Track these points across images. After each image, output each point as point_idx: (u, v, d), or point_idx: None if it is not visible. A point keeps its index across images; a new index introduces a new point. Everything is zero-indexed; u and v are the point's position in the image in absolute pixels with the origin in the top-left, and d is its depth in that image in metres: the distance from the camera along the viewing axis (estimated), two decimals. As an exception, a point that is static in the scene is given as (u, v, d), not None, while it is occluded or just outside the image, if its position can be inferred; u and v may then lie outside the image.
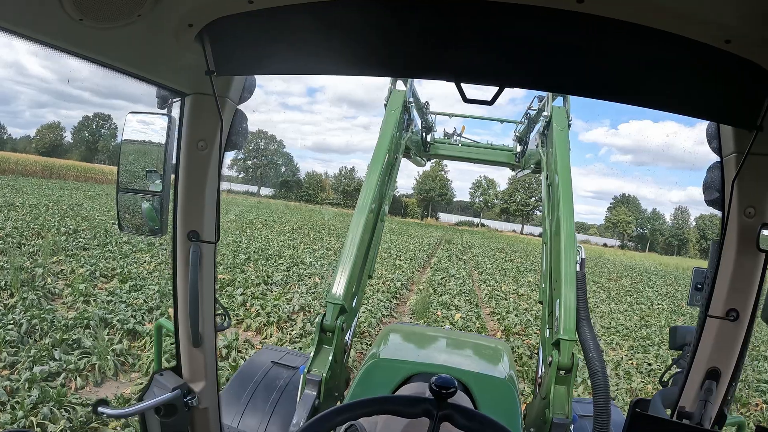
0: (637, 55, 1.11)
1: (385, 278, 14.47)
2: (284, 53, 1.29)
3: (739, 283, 1.32)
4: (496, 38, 1.12)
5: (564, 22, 1.03)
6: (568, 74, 1.19)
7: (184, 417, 1.58)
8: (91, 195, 35.56)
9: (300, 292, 11.32)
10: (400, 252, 23.61)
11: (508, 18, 1.05)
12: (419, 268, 19.33)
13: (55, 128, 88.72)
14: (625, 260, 51.73)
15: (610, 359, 9.53)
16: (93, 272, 10.90)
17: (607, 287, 22.77)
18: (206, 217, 1.53)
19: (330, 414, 1.38)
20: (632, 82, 1.17)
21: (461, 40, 1.13)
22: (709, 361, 1.37)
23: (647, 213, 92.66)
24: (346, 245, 3.03)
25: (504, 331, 10.38)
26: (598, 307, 16.25)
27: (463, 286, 15.51)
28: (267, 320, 8.59)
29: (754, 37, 0.98)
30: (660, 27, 1.00)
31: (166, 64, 1.33)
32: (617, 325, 13.25)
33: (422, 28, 1.13)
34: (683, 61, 1.09)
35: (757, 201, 1.27)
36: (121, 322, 7.70)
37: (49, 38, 1.05)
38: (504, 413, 2.42)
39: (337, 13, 1.11)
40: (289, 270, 14.08)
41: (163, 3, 1.08)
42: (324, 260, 17.18)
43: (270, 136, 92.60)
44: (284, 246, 19.84)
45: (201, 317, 1.57)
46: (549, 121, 3.68)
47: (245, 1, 1.11)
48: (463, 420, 1.32)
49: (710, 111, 1.23)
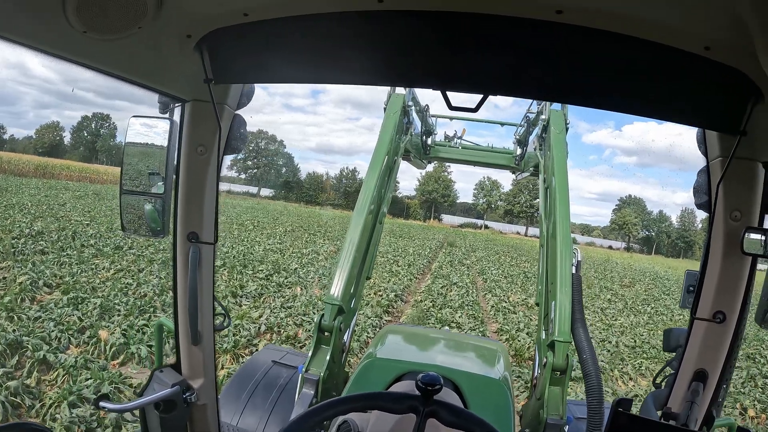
0: (619, 63, 1.12)
1: (378, 287, 12.72)
2: (278, 63, 1.34)
3: (725, 286, 1.33)
4: (480, 48, 1.15)
5: (545, 32, 1.06)
6: (551, 82, 1.20)
7: (183, 413, 1.63)
8: (79, 195, 34.35)
9: (273, 306, 9.62)
10: (398, 256, 21.88)
11: (491, 29, 1.09)
12: (418, 274, 17.59)
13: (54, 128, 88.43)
14: (634, 263, 50.12)
15: (644, 393, 7.81)
16: (36, 281, 9.34)
17: (621, 295, 21.05)
18: (205, 219, 1.59)
19: (319, 408, 1.41)
20: (615, 89, 1.19)
21: (447, 50, 1.17)
22: (696, 362, 1.38)
23: (653, 215, 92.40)
24: (345, 247, 3.04)
25: (515, 357, 8.64)
26: (617, 319, 14.54)
27: (466, 296, 13.80)
28: (220, 346, 6.91)
29: (732, 44, 0.99)
30: (639, 36, 1.03)
31: (167, 73, 1.39)
32: (642, 343, 11.53)
33: (410, 39, 1.18)
34: (664, 68, 1.10)
35: (742, 204, 1.29)
36: (35, 348, 6.11)
37: (55, 49, 1.11)
38: (495, 413, 2.44)
39: (328, 25, 1.17)
40: (269, 278, 12.41)
41: (162, 16, 1.13)
42: (311, 266, 15.45)
43: (270, 137, 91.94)
44: (271, 250, 18.18)
45: (200, 316, 1.62)
46: (547, 124, 3.69)
47: (241, 14, 1.18)
48: (448, 416, 1.35)
49: (694, 117, 1.24)
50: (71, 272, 10.59)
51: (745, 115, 1.11)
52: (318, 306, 9.85)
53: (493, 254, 33.39)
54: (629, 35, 1.02)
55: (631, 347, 11.04)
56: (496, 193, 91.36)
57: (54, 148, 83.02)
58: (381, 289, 12.58)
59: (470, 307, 12.28)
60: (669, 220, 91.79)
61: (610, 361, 9.39)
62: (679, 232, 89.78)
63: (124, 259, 12.70)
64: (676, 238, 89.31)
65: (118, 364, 6.62)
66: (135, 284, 10.03)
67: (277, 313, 9.08)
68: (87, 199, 31.47)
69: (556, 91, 1.26)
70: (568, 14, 1.00)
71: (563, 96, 1.24)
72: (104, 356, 6.73)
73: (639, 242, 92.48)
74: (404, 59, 1.22)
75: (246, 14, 1.16)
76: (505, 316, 11.95)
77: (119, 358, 6.67)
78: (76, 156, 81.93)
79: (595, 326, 12.83)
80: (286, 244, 20.84)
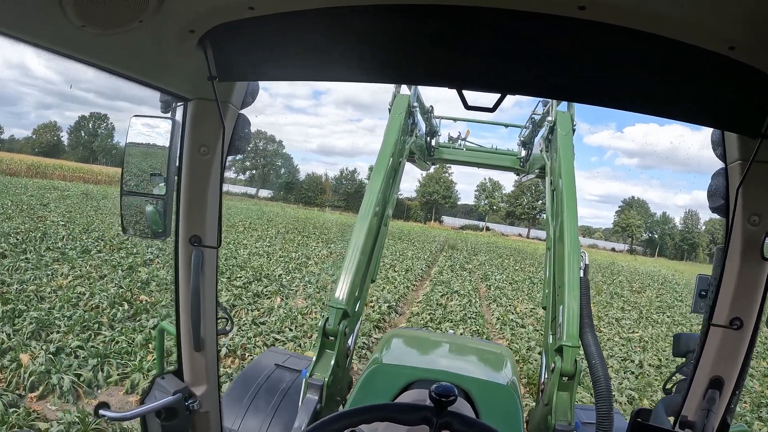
0: (640, 62, 1.10)
1: (370, 296, 11.37)
2: (286, 59, 1.30)
3: (743, 292, 1.30)
4: (497, 45, 1.12)
5: (566, 29, 1.04)
6: (571, 81, 1.19)
7: (185, 421, 1.60)
8: (67, 195, 33.03)
9: (242, 323, 8.26)
10: (396, 260, 20.53)
11: (509, 24, 1.05)
12: (416, 280, 16.22)
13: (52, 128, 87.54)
14: (639, 267, 48.71)
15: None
16: (-27, 291, 8.04)
17: (633, 302, 19.69)
18: (208, 222, 1.55)
19: (329, 420, 1.40)
20: (634, 89, 1.17)
21: (462, 46, 1.13)
22: (712, 370, 1.34)
23: (656, 217, 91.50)
24: (350, 249, 2.94)
25: (528, 385, 7.26)
26: (634, 332, 13.18)
27: (469, 307, 12.45)
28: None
29: (758, 44, 0.96)
30: (662, 33, 1.00)
31: (168, 70, 1.35)
32: (668, 362, 10.16)
33: (424, 35, 1.13)
34: (686, 67, 1.07)
35: (762, 209, 1.26)
36: None
37: (52, 44, 1.08)
38: (505, 420, 2.42)
39: (338, 20, 1.12)
40: (246, 287, 11.06)
41: (164, 9, 1.08)
42: (298, 272, 14.07)
43: (269, 137, 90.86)
44: (256, 254, 16.83)
45: (203, 321, 1.59)
46: (553, 125, 3.64)
47: (246, 8, 1.13)
48: (462, 427, 1.33)
49: (714, 118, 1.20)
50: (22, 279, 9.31)
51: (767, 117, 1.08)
52: (297, 321, 8.55)
53: (496, 257, 32.00)
54: (652, 33, 0.98)
55: (656, 367, 9.69)
56: (497, 195, 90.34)
57: (52, 148, 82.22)
58: (373, 299, 11.23)
59: (473, 320, 10.93)
60: (672, 222, 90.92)
61: (638, 388, 8.05)
62: (682, 234, 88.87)
63: (89, 264, 11.41)
64: (680, 241, 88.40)
65: (36, 397, 5.34)
66: (89, 294, 8.74)
67: (245, 331, 7.73)
68: (73, 199, 30.18)
69: (575, 91, 1.22)
70: (591, 10, 0.96)
71: (582, 96, 1.19)
72: (23, 386, 5.47)
73: (642, 244, 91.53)
74: (418, 56, 1.18)
75: (251, 8, 1.12)
76: (513, 330, 10.58)
77: (38, 389, 5.39)
78: (73, 156, 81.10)
79: (613, 341, 11.49)
80: (275, 247, 19.49)
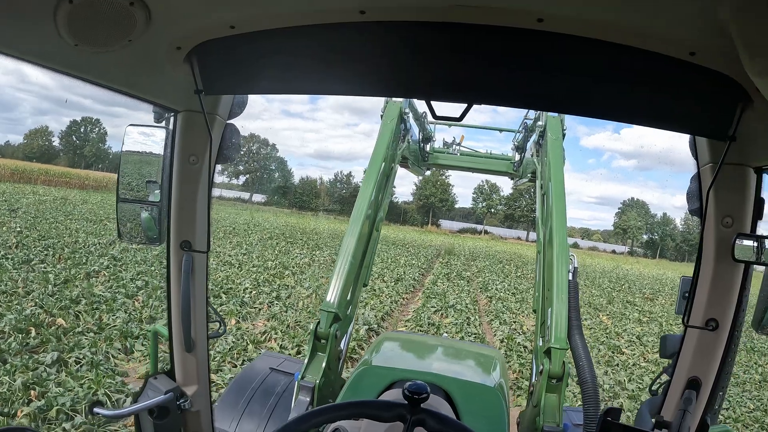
0: (603, 70, 1.11)
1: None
2: (266, 74, 1.35)
3: (717, 294, 1.33)
4: (462, 58, 1.16)
5: (526, 41, 1.06)
6: (535, 91, 1.20)
7: (176, 419, 1.66)
8: (43, 200, 31.12)
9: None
10: (386, 268, 18.67)
11: (473, 38, 1.09)
12: (406, 293, 14.34)
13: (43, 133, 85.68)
14: (644, 270, 46.96)
15: None
16: None
17: (649, 312, 17.93)
18: (198, 227, 1.61)
19: (308, 416, 1.42)
20: (600, 97, 1.18)
21: (430, 60, 1.18)
22: (689, 370, 1.38)
23: (657, 218, 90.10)
24: (341, 254, 3.04)
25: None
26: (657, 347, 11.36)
27: (466, 326, 10.59)
28: None
29: (718, 49, 0.98)
30: (622, 42, 1.02)
31: (157, 84, 1.41)
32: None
33: (392, 50, 1.19)
34: (651, 74, 1.10)
35: (733, 211, 1.28)
36: None
37: (47, 62, 1.14)
38: (488, 421, 2.42)
39: (311, 38, 1.19)
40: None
41: (151, 29, 1.13)
42: (269, 285, 12.19)
43: (262, 140, 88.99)
44: (228, 263, 14.94)
45: (193, 323, 1.64)
46: (544, 130, 3.70)
47: (227, 26, 1.18)
48: (435, 425, 1.36)
49: (683, 123, 1.23)
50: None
51: (734, 121, 1.11)
52: (245, 354, 6.74)
53: (496, 263, 30.18)
54: (612, 42, 1.02)
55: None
56: (495, 197, 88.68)
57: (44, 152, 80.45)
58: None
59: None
60: (673, 223, 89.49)
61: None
62: (683, 235, 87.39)
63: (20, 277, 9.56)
64: (681, 242, 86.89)
65: None
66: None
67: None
68: (47, 205, 28.30)
69: (540, 100, 1.25)
70: (549, 22, 1.00)
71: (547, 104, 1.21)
72: None
73: (642, 246, 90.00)
74: (388, 70, 1.24)
75: (232, 26, 1.18)
76: (522, 358, 8.74)
77: None
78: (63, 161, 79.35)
79: (639, 366, 9.70)
80: (252, 255, 17.63)
